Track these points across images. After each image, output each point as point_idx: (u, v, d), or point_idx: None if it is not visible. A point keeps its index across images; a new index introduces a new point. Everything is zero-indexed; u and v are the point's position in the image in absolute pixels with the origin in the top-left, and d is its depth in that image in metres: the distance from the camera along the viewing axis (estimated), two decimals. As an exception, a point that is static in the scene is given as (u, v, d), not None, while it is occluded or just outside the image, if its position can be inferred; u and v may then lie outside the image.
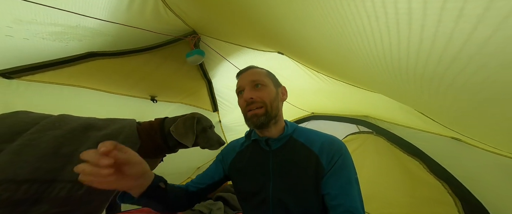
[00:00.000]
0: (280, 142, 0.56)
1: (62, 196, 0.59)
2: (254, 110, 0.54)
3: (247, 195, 0.56)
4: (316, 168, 0.51)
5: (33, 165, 0.58)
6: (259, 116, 0.53)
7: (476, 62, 0.27)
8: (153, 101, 1.43)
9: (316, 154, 0.52)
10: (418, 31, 0.28)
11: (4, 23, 0.65)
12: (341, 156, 0.51)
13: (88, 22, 0.80)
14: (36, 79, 0.92)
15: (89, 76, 1.05)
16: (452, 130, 0.84)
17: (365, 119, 1.41)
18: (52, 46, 0.84)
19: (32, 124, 0.64)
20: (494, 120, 0.41)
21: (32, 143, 0.60)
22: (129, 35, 1.00)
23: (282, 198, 0.51)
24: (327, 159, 0.51)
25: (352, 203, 0.47)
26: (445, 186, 1.13)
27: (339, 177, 0.50)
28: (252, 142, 0.61)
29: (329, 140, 0.55)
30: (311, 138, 0.56)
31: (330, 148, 0.52)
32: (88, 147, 0.66)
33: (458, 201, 1.09)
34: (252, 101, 0.54)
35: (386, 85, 0.59)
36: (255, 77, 0.57)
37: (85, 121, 0.73)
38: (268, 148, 0.57)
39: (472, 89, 0.33)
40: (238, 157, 0.62)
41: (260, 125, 0.54)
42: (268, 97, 0.55)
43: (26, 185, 0.56)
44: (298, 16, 0.49)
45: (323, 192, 0.50)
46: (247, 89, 0.55)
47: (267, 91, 0.55)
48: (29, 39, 0.75)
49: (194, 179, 0.63)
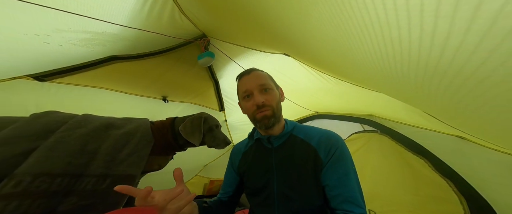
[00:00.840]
0: (281, 139, 0.60)
1: (89, 189, 0.65)
2: (265, 112, 0.57)
3: (254, 191, 0.59)
4: (315, 161, 0.53)
5: (64, 160, 0.63)
6: (269, 118, 0.56)
7: (493, 61, 0.26)
8: (165, 101, 1.51)
9: (314, 148, 0.55)
10: (431, 26, 0.27)
11: (44, 32, 0.74)
12: (338, 148, 0.54)
13: (112, 29, 0.89)
14: (65, 82, 1.01)
15: (108, 78, 1.14)
16: (457, 129, 0.85)
17: (369, 118, 1.42)
18: (80, 51, 0.94)
19: (62, 122, 0.71)
20: (501, 119, 0.40)
21: (63, 140, 0.66)
22: (146, 40, 1.08)
23: (286, 192, 0.53)
24: (324, 152, 0.54)
25: (350, 193, 0.49)
26: (450, 184, 1.12)
27: (337, 169, 0.52)
28: (255, 141, 0.64)
29: (326, 134, 0.58)
30: (309, 133, 0.59)
31: (327, 141, 0.55)
32: (109, 144, 0.72)
33: (463, 199, 1.09)
34: (263, 105, 0.57)
35: (389, 85, 0.60)
36: (263, 81, 0.59)
37: (106, 120, 0.79)
38: (270, 145, 0.60)
39: (485, 88, 0.32)
40: (244, 157, 0.66)
41: (271, 126, 0.58)
42: (275, 100, 0.59)
43: (59, 178, 0.61)
44: (303, 18, 0.51)
45: (323, 183, 0.52)
46: (256, 93, 0.58)
47: (273, 94, 0.59)
48: (62, 45, 0.84)
49: (221, 191, 0.69)
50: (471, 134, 0.83)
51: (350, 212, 0.47)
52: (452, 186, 1.11)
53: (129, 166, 0.73)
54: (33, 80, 0.93)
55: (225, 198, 0.66)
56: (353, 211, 0.47)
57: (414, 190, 1.24)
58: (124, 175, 0.71)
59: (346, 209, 0.48)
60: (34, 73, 0.93)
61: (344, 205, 0.48)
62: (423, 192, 1.21)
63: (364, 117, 1.45)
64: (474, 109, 0.42)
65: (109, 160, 0.71)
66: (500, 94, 0.33)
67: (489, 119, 0.44)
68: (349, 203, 0.48)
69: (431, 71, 0.37)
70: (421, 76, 0.41)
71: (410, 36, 0.32)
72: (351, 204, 0.48)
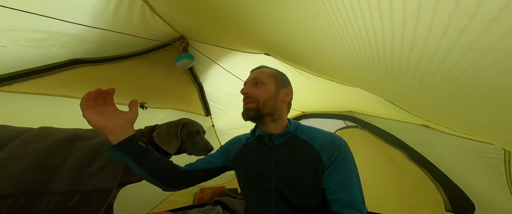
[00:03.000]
0: (283, 138, 0.60)
1: (52, 208, 0.58)
2: (248, 104, 0.59)
3: (250, 185, 0.60)
4: (317, 163, 0.53)
5: (17, 178, 0.57)
6: (250, 110, 0.58)
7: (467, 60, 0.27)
8: (143, 108, 1.39)
9: (317, 150, 0.55)
10: (400, 25, 0.28)
11: (-20, 31, 0.63)
12: (341, 152, 0.54)
13: (71, 28, 0.79)
14: (13, 90, 0.86)
15: (72, 84, 1.02)
16: (420, 118, 0.90)
17: (350, 114, 1.48)
18: (31, 53, 0.81)
19: (13, 137, 0.63)
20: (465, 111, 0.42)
21: (15, 157, 0.59)
22: (115, 42, 0.99)
23: (283, 190, 0.54)
24: (327, 155, 0.53)
25: (352, 197, 0.49)
26: (426, 172, 1.19)
27: (339, 172, 0.52)
28: (257, 137, 0.64)
29: (330, 137, 0.58)
30: (312, 135, 0.59)
31: (331, 144, 0.55)
32: (76, 158, 0.66)
33: (439, 187, 1.15)
34: (247, 96, 0.59)
35: (361, 78, 0.62)
36: (258, 75, 0.62)
37: (71, 133, 0.72)
38: (271, 143, 0.60)
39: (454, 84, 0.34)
40: (243, 149, 0.65)
41: (250, 118, 0.59)
42: (263, 96, 0.58)
43: (11, 199, 0.55)
44: (282, 17, 0.51)
45: (324, 186, 0.52)
46: (248, 85, 0.62)
47: (264, 89, 0.59)
48: (6, 46, 0.72)
49: (191, 163, 0.67)
50: (434, 122, 0.88)
51: None
52: (427, 174, 1.18)
53: (102, 180, 0.67)
54: (-28, 89, 0.79)
55: (186, 168, 0.63)
56: None
57: (397, 181, 1.30)
58: (96, 189, 0.64)
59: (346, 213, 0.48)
60: (-27, 81, 0.78)
61: (344, 209, 0.48)
62: (405, 182, 1.27)
63: (346, 113, 1.50)
64: (440, 99, 0.44)
65: (77, 175, 0.64)
66: (463, 88, 0.34)
67: (450, 107, 0.46)
68: (349, 208, 0.48)
69: (397, 62, 0.38)
70: (384, 66, 0.42)
71: (382, 27, 0.32)
72: (351, 208, 0.48)
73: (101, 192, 0.65)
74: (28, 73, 0.87)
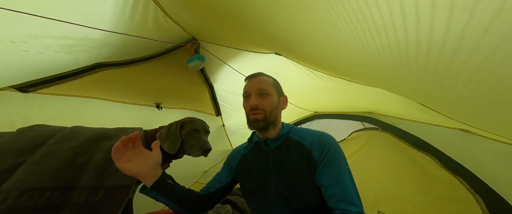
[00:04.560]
0: (278, 141, 0.63)
1: (80, 202, 0.64)
2: (256, 115, 0.61)
3: (252, 191, 0.62)
4: (309, 161, 0.56)
5: (53, 173, 0.63)
6: (259, 121, 0.60)
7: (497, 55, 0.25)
8: (158, 108, 1.47)
9: (308, 149, 0.58)
10: (428, 21, 0.27)
11: (20, 39, 0.71)
12: (330, 148, 0.56)
13: (94, 34, 0.86)
14: (51, 92, 0.97)
15: (96, 86, 1.11)
16: (459, 121, 0.80)
17: (369, 115, 1.37)
18: (64, 59, 0.90)
19: (50, 136, 0.70)
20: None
21: (51, 154, 0.65)
22: (132, 45, 1.05)
23: (283, 192, 0.56)
24: (317, 152, 0.56)
25: (346, 192, 0.51)
26: (462, 181, 1.05)
27: (330, 168, 0.54)
28: (254, 144, 0.67)
29: (318, 135, 0.61)
30: (303, 135, 0.62)
31: (320, 141, 0.58)
32: (101, 156, 0.71)
33: (479, 198, 1.01)
34: (256, 108, 0.61)
35: (385, 79, 0.59)
36: (262, 86, 0.64)
37: (97, 131, 0.78)
38: (267, 148, 0.63)
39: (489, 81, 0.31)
40: (243, 159, 0.69)
41: (260, 128, 0.62)
42: (270, 106, 0.62)
43: (49, 192, 0.60)
44: (296, 15, 0.49)
45: (318, 183, 0.54)
46: (253, 96, 0.63)
47: (270, 100, 0.62)
48: (43, 53, 0.81)
49: (205, 186, 0.70)
50: (475, 126, 0.77)
51: (347, 211, 0.48)
52: (464, 184, 1.04)
53: (122, 177, 0.70)
54: (16, 91, 0.90)
55: (203, 193, 0.68)
56: (350, 210, 0.48)
57: (424, 189, 1.18)
58: (117, 185, 0.69)
59: (343, 209, 0.49)
60: (17, 84, 0.89)
61: (340, 204, 0.50)
62: (433, 190, 1.14)
63: (364, 114, 1.40)
64: (478, 99, 0.38)
65: (101, 172, 0.69)
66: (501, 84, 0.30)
67: (495, 109, 0.41)
68: (345, 202, 0.50)
69: (433, 62, 0.34)
70: (416, 68, 0.39)
71: (405, 24, 0.30)
72: (347, 203, 0.49)
73: (121, 188, 0.69)
74: (61, 77, 0.97)
